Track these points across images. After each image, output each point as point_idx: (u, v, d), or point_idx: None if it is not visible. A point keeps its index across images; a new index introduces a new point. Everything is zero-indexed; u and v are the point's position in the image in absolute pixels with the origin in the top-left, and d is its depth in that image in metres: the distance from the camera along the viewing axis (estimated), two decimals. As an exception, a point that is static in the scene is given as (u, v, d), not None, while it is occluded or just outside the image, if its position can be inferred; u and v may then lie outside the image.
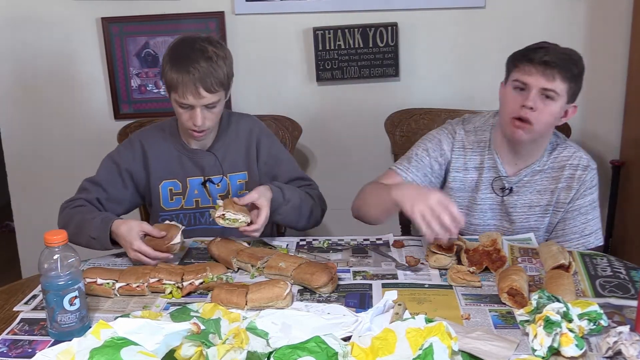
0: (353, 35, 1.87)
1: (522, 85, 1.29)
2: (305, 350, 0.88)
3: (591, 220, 1.38)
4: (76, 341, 0.87)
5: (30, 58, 1.92)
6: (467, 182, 1.44)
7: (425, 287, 1.15)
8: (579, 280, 1.17)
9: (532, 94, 1.27)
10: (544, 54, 1.27)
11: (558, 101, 1.29)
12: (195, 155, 1.44)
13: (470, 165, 1.43)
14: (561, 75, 1.27)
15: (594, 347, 0.95)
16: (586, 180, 1.37)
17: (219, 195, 1.44)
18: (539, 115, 1.28)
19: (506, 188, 1.40)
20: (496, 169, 1.41)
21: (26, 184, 2.03)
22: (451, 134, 1.45)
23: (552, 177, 1.39)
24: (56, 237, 0.99)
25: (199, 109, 1.32)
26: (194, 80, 1.29)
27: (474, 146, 1.43)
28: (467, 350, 0.92)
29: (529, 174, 1.39)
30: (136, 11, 1.87)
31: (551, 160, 1.39)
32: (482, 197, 1.42)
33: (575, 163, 1.38)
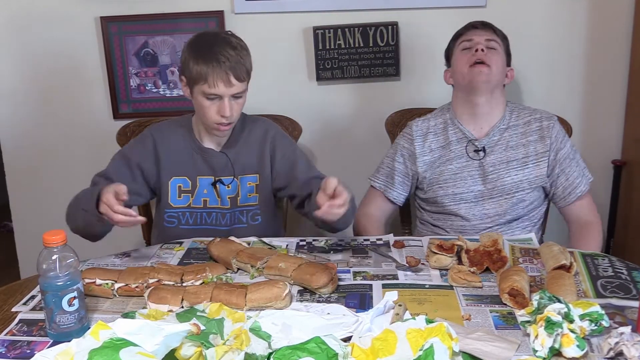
0: (353, 35, 1.87)
1: (468, 44, 1.49)
2: (305, 351, 0.88)
3: (580, 162, 1.54)
4: (75, 342, 0.86)
5: (29, 57, 1.92)
6: (436, 161, 1.55)
7: (426, 288, 1.15)
8: (580, 281, 1.17)
9: (482, 43, 1.47)
10: (482, 22, 1.52)
11: (500, 54, 1.49)
12: (207, 155, 1.44)
13: (434, 146, 1.56)
14: (496, 32, 1.51)
15: (596, 348, 0.95)
16: (556, 129, 1.52)
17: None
18: (492, 58, 1.46)
19: (479, 149, 1.51)
20: (465, 136, 1.53)
21: (25, 184, 2.03)
22: (407, 132, 1.60)
23: (521, 133, 1.52)
24: (55, 238, 0.99)
25: (227, 99, 1.32)
26: (225, 68, 1.30)
27: (434, 130, 1.57)
28: (467, 351, 0.92)
29: (497, 133, 1.52)
30: (135, 10, 1.86)
31: (513, 118, 1.54)
32: (459, 167, 1.52)
33: (538, 116, 1.53)
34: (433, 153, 1.55)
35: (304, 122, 1.82)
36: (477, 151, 1.51)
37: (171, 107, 1.92)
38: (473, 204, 1.51)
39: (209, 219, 1.46)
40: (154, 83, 1.92)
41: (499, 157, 1.51)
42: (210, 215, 1.46)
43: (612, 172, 1.93)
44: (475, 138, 1.52)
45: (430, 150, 1.55)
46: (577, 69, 1.90)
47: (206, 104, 1.34)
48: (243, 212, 1.47)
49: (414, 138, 1.56)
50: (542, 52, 1.88)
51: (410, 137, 1.57)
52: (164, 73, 1.91)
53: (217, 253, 1.28)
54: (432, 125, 1.57)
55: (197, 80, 1.32)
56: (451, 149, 1.53)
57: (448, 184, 1.52)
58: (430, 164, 1.55)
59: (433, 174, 1.54)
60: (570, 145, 1.53)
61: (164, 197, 1.45)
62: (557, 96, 1.90)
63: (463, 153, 1.52)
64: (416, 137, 1.56)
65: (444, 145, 1.54)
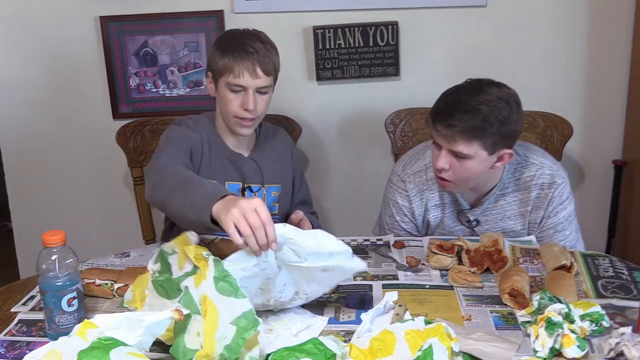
0: (353, 34, 1.86)
1: (437, 145, 1.28)
2: (303, 352, 0.88)
3: (569, 236, 1.35)
4: (61, 341, 0.86)
5: (28, 57, 1.91)
6: (432, 220, 1.42)
7: (426, 288, 1.15)
8: (581, 281, 1.16)
9: (442, 155, 1.25)
10: (446, 116, 1.21)
11: (473, 159, 1.23)
12: (237, 160, 1.41)
13: (430, 204, 1.41)
14: (465, 139, 1.20)
15: (596, 348, 0.94)
16: (554, 198, 1.32)
17: None
18: (456, 174, 1.26)
19: (472, 221, 1.38)
20: (457, 203, 1.39)
21: (24, 184, 2.02)
22: (402, 188, 1.42)
23: (520, 200, 1.35)
24: (54, 238, 0.98)
25: (252, 92, 1.30)
26: (252, 59, 1.29)
27: (430, 185, 1.39)
28: (468, 351, 0.92)
29: (492, 201, 1.36)
30: (135, 10, 1.86)
31: (514, 181, 1.34)
32: (453, 229, 1.41)
33: (540, 182, 1.33)
34: (430, 212, 1.41)
35: (303, 122, 1.82)
36: (469, 221, 1.38)
37: (171, 107, 1.91)
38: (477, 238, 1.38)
39: None
40: (154, 83, 1.92)
41: (493, 227, 1.37)
42: None
43: (613, 172, 1.93)
44: (467, 208, 1.37)
45: (427, 209, 1.41)
46: (577, 68, 1.89)
47: (230, 96, 1.31)
48: None
49: (411, 197, 1.41)
50: (543, 52, 1.87)
51: (407, 194, 1.41)
52: (164, 73, 1.90)
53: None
54: (427, 180, 1.39)
55: (223, 71, 1.30)
56: (445, 212, 1.40)
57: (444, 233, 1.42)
58: (423, 219, 1.42)
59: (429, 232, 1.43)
60: (566, 215, 1.34)
61: None
62: (558, 96, 1.90)
63: (455, 217, 1.39)
64: (413, 197, 1.40)
65: (439, 205, 1.40)
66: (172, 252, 1.01)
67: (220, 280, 0.92)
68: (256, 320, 0.90)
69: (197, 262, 0.96)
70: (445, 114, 1.22)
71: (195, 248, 0.98)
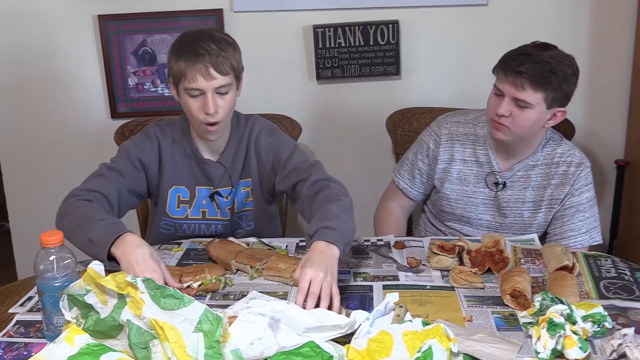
0: (354, 33, 1.85)
1: (499, 92, 1.34)
2: (299, 355, 0.88)
3: (589, 218, 1.41)
4: (47, 350, 0.84)
5: (26, 56, 1.91)
6: (454, 174, 1.47)
7: (427, 289, 1.14)
8: (583, 282, 1.16)
9: (505, 102, 1.32)
10: (518, 64, 1.30)
11: (534, 109, 1.31)
12: (204, 165, 1.39)
13: (457, 157, 1.46)
14: (532, 86, 1.29)
15: (598, 349, 0.94)
16: (581, 177, 1.39)
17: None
18: (513, 121, 1.33)
19: (499, 183, 1.42)
20: (490, 164, 1.44)
21: (21, 184, 2.02)
22: (435, 131, 1.50)
23: (546, 174, 1.42)
24: (52, 238, 0.98)
25: (210, 94, 1.26)
26: (203, 61, 1.24)
27: (463, 138, 1.47)
28: (469, 352, 0.92)
29: (522, 169, 1.42)
30: (133, 9, 1.85)
31: (544, 156, 1.42)
32: (474, 191, 1.45)
33: (569, 160, 1.41)
34: (454, 164, 1.46)
35: (303, 122, 1.81)
36: (496, 184, 1.43)
37: (170, 107, 1.90)
38: (477, 228, 1.47)
39: (208, 231, 1.42)
40: (152, 82, 1.91)
41: (517, 194, 1.43)
42: (209, 227, 1.42)
43: (615, 173, 1.92)
44: (499, 170, 1.43)
45: (452, 160, 1.46)
46: (580, 67, 1.87)
47: (190, 102, 1.28)
48: (242, 218, 1.44)
49: (441, 142, 1.47)
50: (544, 51, 1.87)
51: (438, 138, 1.48)
52: (163, 72, 1.90)
53: (216, 254, 1.27)
54: (463, 133, 1.46)
55: (179, 77, 1.27)
56: (472, 168, 1.45)
57: (459, 204, 1.47)
58: (447, 174, 1.47)
59: (445, 188, 1.47)
60: (589, 197, 1.40)
61: (162, 204, 1.41)
62: (559, 95, 1.89)
63: (482, 179, 1.44)
64: (443, 142, 1.47)
65: (467, 160, 1.46)
66: (86, 291, 0.92)
67: (161, 298, 0.88)
68: (218, 317, 0.87)
69: (122, 291, 0.89)
70: (517, 62, 1.30)
71: (113, 277, 0.90)
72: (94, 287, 0.91)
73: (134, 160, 1.35)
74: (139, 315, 0.88)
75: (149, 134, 1.39)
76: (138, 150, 1.36)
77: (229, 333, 0.88)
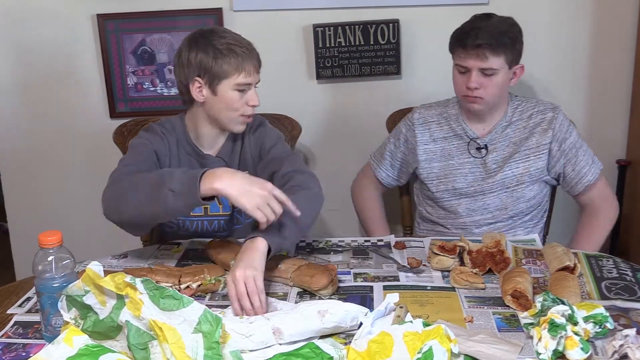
0: (354, 32, 1.85)
1: (463, 69, 1.43)
2: (300, 357, 0.88)
3: (587, 150, 1.51)
4: (46, 350, 0.84)
5: (24, 55, 1.90)
6: (438, 152, 1.55)
7: (428, 289, 1.14)
8: (585, 282, 1.16)
9: (473, 76, 1.41)
10: (475, 37, 1.40)
11: (499, 73, 1.42)
12: (205, 160, 1.40)
13: (437, 135, 1.55)
14: (494, 53, 1.40)
15: (600, 350, 0.94)
16: (560, 120, 1.49)
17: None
18: (485, 91, 1.43)
19: (481, 147, 1.51)
20: (468, 134, 1.52)
21: (20, 183, 2.01)
22: (408, 118, 1.60)
23: (523, 127, 1.51)
24: (51, 239, 0.97)
25: (254, 87, 1.34)
26: (255, 55, 1.32)
27: (437, 119, 1.56)
28: (470, 353, 0.91)
29: (499, 130, 1.51)
30: (132, 8, 1.85)
31: (515, 113, 1.52)
32: (461, 162, 1.53)
33: (541, 108, 1.51)
34: (435, 143, 1.55)
35: (303, 122, 1.80)
36: (479, 149, 1.51)
37: (169, 106, 1.90)
38: (473, 199, 1.51)
39: (211, 227, 1.43)
40: (152, 82, 1.90)
41: (502, 153, 1.51)
42: (212, 223, 1.42)
43: (617, 172, 1.92)
44: (476, 137, 1.52)
45: (432, 140, 1.55)
46: (581, 67, 1.88)
47: (236, 97, 1.31)
48: (240, 212, 1.45)
49: (415, 126, 1.56)
50: (546, 50, 1.86)
51: (411, 124, 1.58)
52: (162, 71, 1.89)
53: (215, 254, 1.26)
54: (436, 114, 1.57)
55: (229, 73, 1.29)
56: (453, 143, 1.54)
57: (449, 178, 1.53)
58: (431, 153, 1.55)
59: (434, 167, 1.54)
60: (577, 134, 1.52)
61: None
62: (562, 95, 1.89)
63: (465, 149, 1.52)
64: (417, 126, 1.56)
65: (447, 137, 1.54)
66: (84, 292, 0.91)
67: (160, 298, 0.87)
68: (217, 318, 0.87)
69: (121, 291, 0.88)
70: (473, 36, 1.40)
71: (112, 277, 0.89)
72: (93, 287, 0.91)
73: (151, 154, 1.35)
74: (138, 316, 0.87)
75: (155, 132, 1.39)
76: (152, 145, 1.36)
77: (228, 334, 0.88)
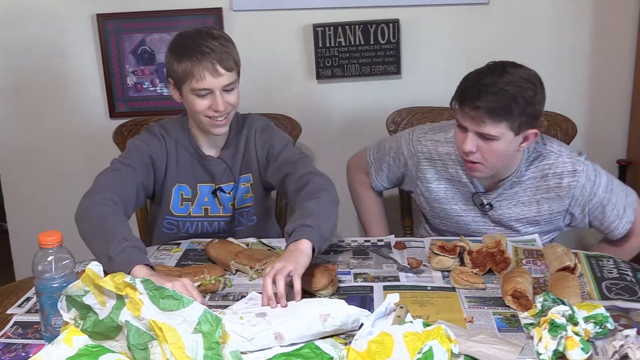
0: (354, 32, 1.85)
1: (462, 127, 1.27)
2: (300, 357, 0.88)
3: (617, 200, 1.34)
4: (46, 350, 0.84)
5: (23, 55, 1.90)
6: (440, 194, 1.42)
7: (428, 290, 1.14)
8: (585, 283, 1.15)
9: (469, 138, 1.25)
10: (475, 98, 1.22)
11: (500, 140, 1.24)
12: (206, 161, 1.39)
13: (442, 175, 1.41)
14: (493, 119, 1.21)
15: (600, 350, 0.94)
16: (581, 187, 1.32)
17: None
18: (483, 155, 1.26)
19: (485, 204, 1.38)
20: (473, 185, 1.38)
21: (19, 184, 2.01)
22: (413, 146, 1.43)
23: (536, 187, 1.34)
24: (50, 239, 0.97)
25: (218, 92, 1.28)
26: (210, 59, 1.25)
27: (444, 158, 1.40)
28: (470, 354, 0.91)
29: (507, 187, 1.35)
30: (132, 8, 1.84)
31: (531, 170, 1.34)
32: (464, 209, 1.41)
33: (558, 172, 1.32)
34: (439, 183, 1.41)
35: (303, 122, 1.80)
36: (482, 204, 1.38)
37: (168, 106, 1.89)
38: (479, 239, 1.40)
39: (211, 228, 1.42)
40: (151, 81, 1.90)
41: (508, 212, 1.37)
42: (212, 224, 1.42)
43: (618, 172, 1.92)
44: (482, 190, 1.37)
45: (437, 179, 1.41)
46: (581, 67, 1.88)
47: (197, 101, 1.29)
48: (242, 214, 1.45)
49: (419, 160, 1.42)
50: (546, 50, 1.86)
51: (414, 154, 1.42)
52: (162, 71, 1.89)
53: (215, 254, 1.26)
54: (446, 153, 1.39)
55: (184, 78, 1.27)
56: (458, 188, 1.40)
57: (451, 222, 1.43)
58: (433, 193, 1.43)
59: (434, 208, 1.44)
60: (604, 190, 1.33)
61: (166, 203, 1.40)
62: (562, 95, 1.88)
63: (469, 197, 1.38)
64: (422, 160, 1.41)
65: (451, 180, 1.40)
66: (84, 292, 0.91)
67: (160, 299, 0.87)
68: (217, 318, 0.87)
69: (120, 292, 0.88)
70: (472, 96, 1.23)
71: (112, 277, 0.89)
72: (93, 287, 0.91)
73: (145, 157, 1.35)
74: (137, 316, 0.87)
75: (154, 133, 1.39)
76: (149, 148, 1.36)
77: (228, 334, 0.88)
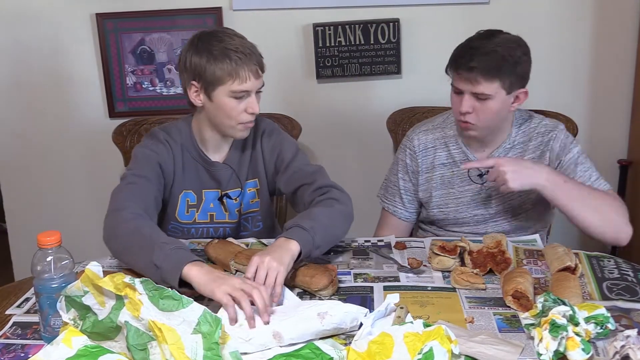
0: (354, 32, 1.85)
1: (457, 90, 1.35)
2: (300, 357, 0.88)
3: (590, 168, 1.40)
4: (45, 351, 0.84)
5: (23, 55, 1.90)
6: (437, 180, 1.46)
7: (428, 290, 1.14)
8: (586, 283, 1.15)
9: (465, 99, 1.33)
10: (468, 59, 1.30)
11: (494, 99, 1.31)
12: (212, 167, 1.37)
13: (437, 162, 1.47)
14: (486, 78, 1.29)
15: (601, 351, 0.93)
16: (558, 139, 1.40)
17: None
18: (478, 115, 1.33)
19: (483, 173, 1.43)
20: (467, 160, 1.43)
21: (19, 184, 2.01)
22: (408, 146, 1.50)
23: (523, 150, 1.42)
24: (50, 239, 0.97)
25: (254, 94, 1.27)
26: (253, 60, 1.24)
27: (436, 144, 1.47)
28: (470, 354, 0.91)
29: (502, 154, 1.42)
30: (131, 7, 1.85)
31: (520, 135, 1.43)
32: (461, 191, 1.45)
33: (541, 131, 1.42)
34: (435, 170, 1.46)
35: (303, 121, 1.80)
36: (480, 175, 1.43)
37: (168, 106, 1.90)
38: (475, 227, 1.46)
39: (216, 234, 1.41)
40: (151, 81, 1.90)
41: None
42: (217, 230, 1.41)
43: (618, 172, 1.92)
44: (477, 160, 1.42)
45: (432, 167, 1.46)
46: (582, 67, 1.88)
47: (233, 104, 1.25)
48: (248, 220, 1.44)
49: (417, 154, 1.47)
50: (547, 51, 1.86)
51: (413, 152, 1.48)
52: (161, 71, 1.89)
53: (215, 255, 1.26)
54: (435, 138, 1.47)
55: (223, 79, 1.23)
56: (453, 171, 1.45)
57: (449, 208, 1.46)
58: (431, 181, 1.46)
59: (433, 196, 1.47)
60: (579, 152, 1.40)
61: (172, 209, 1.38)
62: (563, 95, 1.88)
63: (465, 176, 1.44)
64: (419, 152, 1.47)
65: (446, 164, 1.45)
66: (83, 292, 0.91)
67: (159, 299, 0.87)
68: (217, 319, 0.87)
69: (120, 292, 0.88)
70: (466, 58, 1.31)
71: (111, 278, 0.89)
72: (92, 288, 0.91)
73: (155, 166, 1.31)
74: (137, 316, 0.87)
75: (159, 139, 1.35)
76: (157, 156, 1.33)
77: (227, 334, 0.87)
